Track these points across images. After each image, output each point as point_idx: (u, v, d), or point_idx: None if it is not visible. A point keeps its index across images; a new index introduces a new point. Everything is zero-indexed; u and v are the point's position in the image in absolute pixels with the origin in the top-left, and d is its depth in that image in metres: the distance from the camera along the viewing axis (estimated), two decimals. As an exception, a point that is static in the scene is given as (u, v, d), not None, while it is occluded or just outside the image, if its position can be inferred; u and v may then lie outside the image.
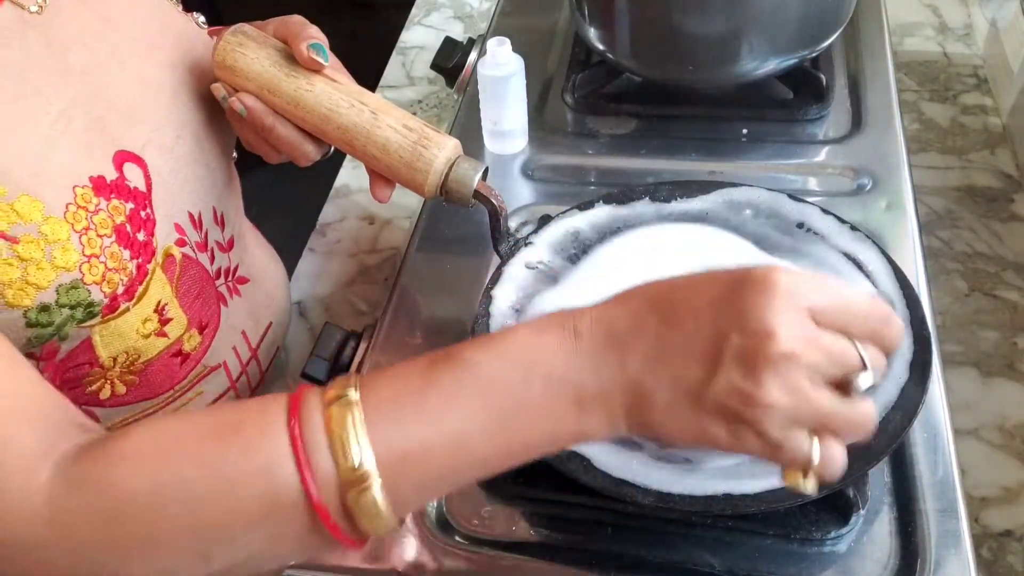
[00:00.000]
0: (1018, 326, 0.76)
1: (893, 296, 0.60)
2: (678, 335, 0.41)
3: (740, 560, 0.54)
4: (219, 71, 0.61)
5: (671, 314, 0.42)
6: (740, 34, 0.77)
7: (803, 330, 0.39)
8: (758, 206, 0.68)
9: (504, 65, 0.77)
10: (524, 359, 0.42)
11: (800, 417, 0.40)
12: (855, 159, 0.78)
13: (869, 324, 0.41)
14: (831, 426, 0.41)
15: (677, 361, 0.41)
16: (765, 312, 0.39)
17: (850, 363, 0.40)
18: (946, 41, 1.05)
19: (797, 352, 0.39)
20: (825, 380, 0.40)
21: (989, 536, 0.64)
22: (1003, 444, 0.69)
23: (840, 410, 0.40)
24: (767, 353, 0.39)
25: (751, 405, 0.39)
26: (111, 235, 0.53)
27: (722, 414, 0.40)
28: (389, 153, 0.60)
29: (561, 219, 0.69)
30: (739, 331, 0.39)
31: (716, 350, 0.40)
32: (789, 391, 0.39)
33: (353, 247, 0.89)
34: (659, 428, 0.42)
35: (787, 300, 0.39)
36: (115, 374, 0.59)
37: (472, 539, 0.57)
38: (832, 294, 0.41)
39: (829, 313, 0.40)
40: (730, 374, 0.39)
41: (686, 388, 0.41)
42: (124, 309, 0.56)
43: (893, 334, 0.42)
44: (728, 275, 0.42)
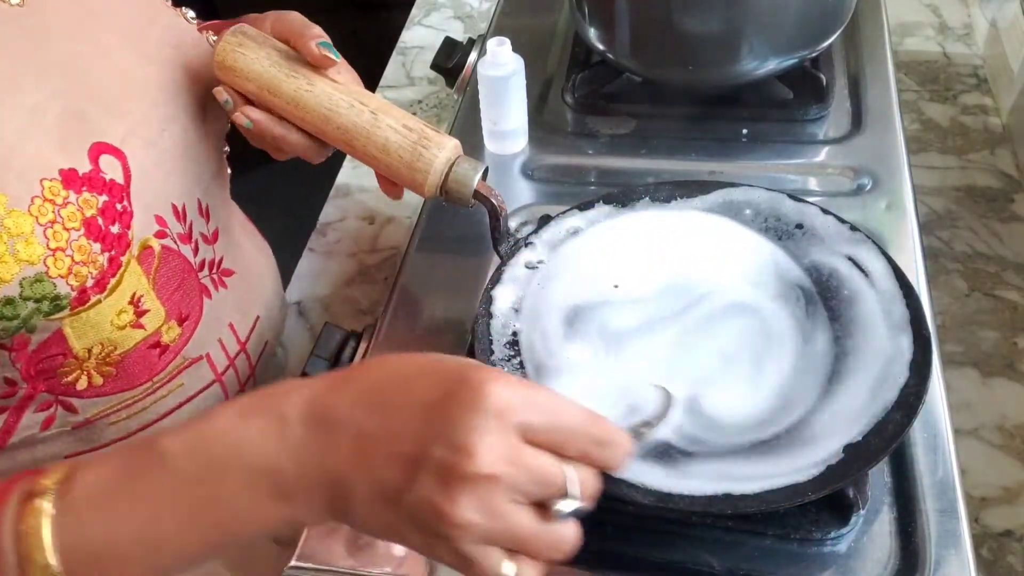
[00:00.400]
0: (1018, 326, 0.76)
1: (893, 296, 0.60)
2: (384, 435, 0.40)
3: (740, 560, 0.54)
4: (219, 71, 0.61)
5: (383, 410, 0.41)
6: (740, 34, 0.77)
7: (507, 450, 0.39)
8: (758, 206, 0.68)
9: (504, 65, 0.77)
10: (221, 450, 0.42)
11: (494, 537, 0.39)
12: (855, 159, 0.78)
13: (581, 444, 0.41)
14: (527, 548, 0.40)
15: (379, 462, 0.40)
16: (469, 429, 0.39)
17: (555, 485, 0.40)
18: (946, 41, 1.05)
19: (496, 473, 0.38)
20: (527, 499, 0.40)
21: (989, 536, 0.64)
22: (1003, 444, 0.69)
23: (537, 533, 0.40)
24: (464, 472, 0.38)
25: (443, 521, 0.39)
26: (79, 228, 0.53)
27: (416, 523, 0.40)
28: (389, 153, 0.60)
29: (561, 219, 0.69)
30: (441, 444, 0.39)
31: (417, 458, 0.39)
32: (484, 512, 0.39)
33: (353, 247, 0.89)
34: (359, 523, 0.42)
35: (495, 418, 0.39)
36: (91, 365, 0.59)
37: (472, 539, 0.56)
38: (545, 411, 0.40)
39: (540, 431, 0.40)
40: (426, 486, 0.39)
41: (384, 490, 0.40)
42: (96, 301, 0.56)
43: (608, 455, 0.42)
44: (446, 377, 0.41)
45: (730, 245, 0.65)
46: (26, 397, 0.58)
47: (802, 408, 0.56)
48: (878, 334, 0.59)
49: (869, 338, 0.59)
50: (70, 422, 0.61)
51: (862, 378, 0.57)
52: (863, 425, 0.54)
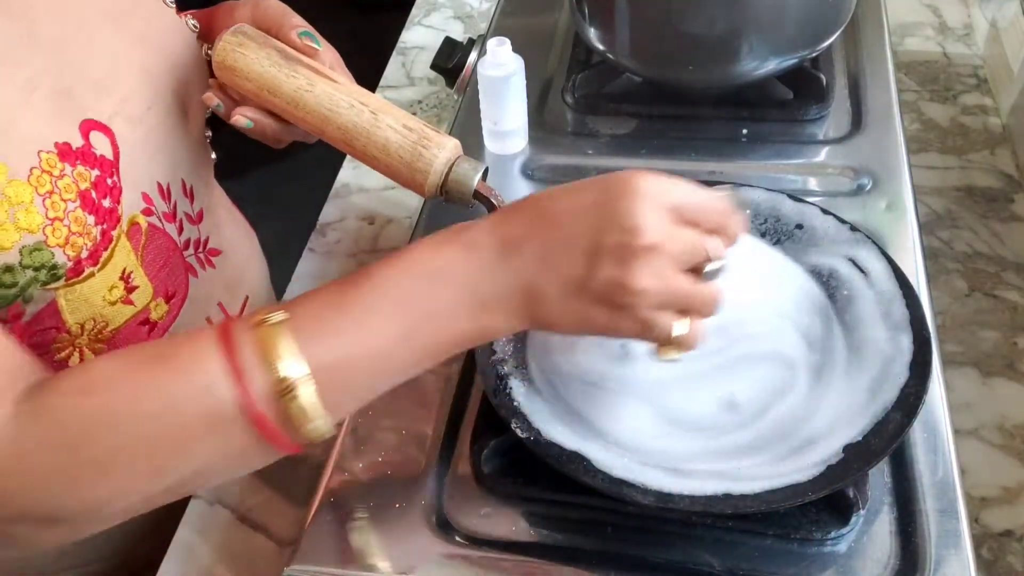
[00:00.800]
0: (1018, 326, 0.76)
1: (893, 296, 0.60)
2: (562, 237, 0.47)
3: (740, 560, 0.54)
4: (219, 71, 0.61)
5: (555, 219, 0.48)
6: (740, 34, 0.77)
7: (664, 225, 0.46)
8: (758, 206, 0.68)
9: (504, 65, 0.77)
10: (427, 271, 0.48)
11: (666, 300, 0.47)
12: (855, 159, 0.78)
13: (714, 218, 0.48)
14: (690, 306, 0.48)
15: (562, 260, 0.47)
16: (632, 213, 0.46)
17: (702, 252, 0.47)
18: (946, 41, 1.05)
19: (661, 243, 0.46)
20: (683, 267, 0.47)
21: (989, 536, 0.64)
22: (1003, 444, 0.69)
23: (697, 291, 0.48)
24: (636, 247, 0.45)
25: (626, 291, 0.46)
26: (75, 200, 0.55)
27: (602, 302, 0.47)
28: (389, 153, 0.60)
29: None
30: (612, 230, 0.46)
31: (594, 247, 0.46)
32: (656, 277, 0.46)
33: (353, 247, 0.89)
34: (551, 320, 0.48)
35: (650, 200, 0.46)
36: (83, 342, 0.60)
37: (472, 539, 0.57)
38: (684, 193, 0.48)
39: (685, 209, 0.47)
40: (607, 268, 0.46)
41: (571, 283, 0.47)
42: (89, 274, 0.57)
43: (731, 226, 0.49)
44: (598, 182, 0.48)
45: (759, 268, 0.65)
46: None
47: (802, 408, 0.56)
48: (878, 334, 0.59)
49: (869, 338, 0.59)
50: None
51: (862, 378, 0.57)
52: (863, 425, 0.54)
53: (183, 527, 0.68)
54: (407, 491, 0.59)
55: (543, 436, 0.55)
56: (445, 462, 0.61)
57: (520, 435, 0.55)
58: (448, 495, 0.59)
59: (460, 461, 0.60)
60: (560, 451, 0.54)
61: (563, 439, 0.55)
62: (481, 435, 0.60)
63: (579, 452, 0.54)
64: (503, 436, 0.58)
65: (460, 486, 0.59)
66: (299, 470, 0.69)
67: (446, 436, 0.62)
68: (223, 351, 0.45)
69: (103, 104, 0.58)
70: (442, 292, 0.47)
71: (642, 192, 0.46)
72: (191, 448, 0.46)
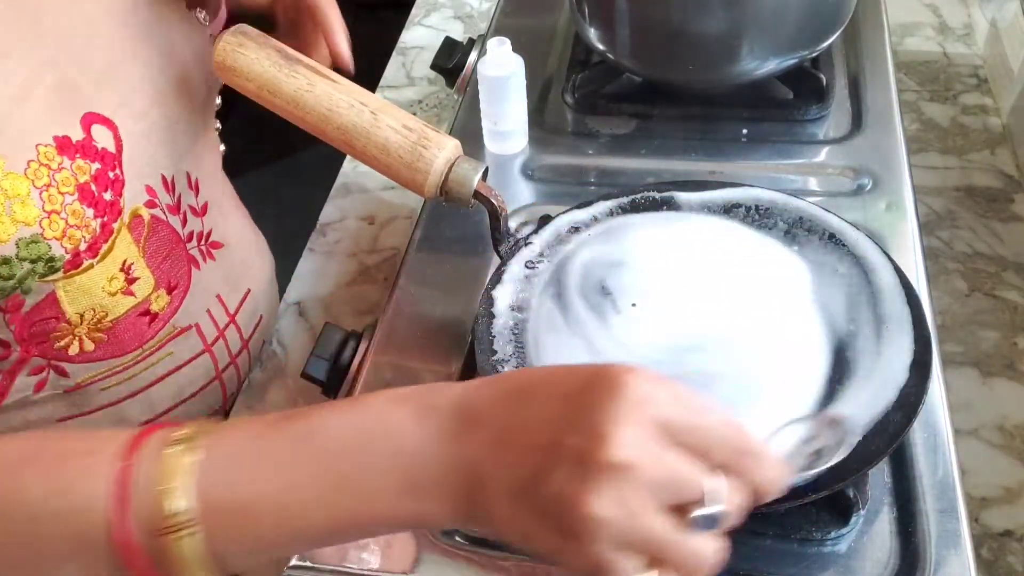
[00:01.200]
0: (1018, 326, 0.76)
1: (893, 296, 0.60)
2: (522, 425, 0.39)
3: (740, 560, 0.54)
4: (219, 71, 0.61)
5: (525, 403, 0.40)
6: (740, 34, 0.77)
7: (644, 442, 0.36)
8: (758, 206, 0.67)
9: (504, 65, 0.77)
10: (373, 429, 0.41)
11: (629, 538, 0.36)
12: (855, 159, 0.78)
13: (727, 452, 0.38)
14: (663, 555, 0.37)
15: (516, 451, 0.38)
16: (606, 417, 0.36)
17: (695, 489, 0.37)
18: (946, 41, 1.05)
19: (633, 463, 0.36)
20: (664, 503, 0.37)
21: (989, 536, 0.64)
22: (1003, 444, 0.69)
23: (674, 540, 0.37)
24: (599, 460, 0.36)
25: (575, 515, 0.36)
26: (74, 193, 0.55)
27: (549, 518, 0.37)
28: (389, 153, 0.60)
29: (561, 219, 0.69)
30: (577, 431, 0.37)
31: (553, 447, 0.37)
32: (619, 506, 0.36)
33: (353, 247, 0.89)
34: (490, 521, 0.40)
35: (635, 407, 0.37)
36: (83, 331, 0.61)
37: (472, 539, 0.57)
38: (688, 408, 0.38)
39: (681, 430, 0.37)
40: (561, 476, 0.37)
41: (519, 482, 0.38)
42: (88, 266, 0.58)
43: (760, 470, 0.38)
44: (587, 370, 0.39)
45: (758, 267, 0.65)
46: (19, 360, 0.60)
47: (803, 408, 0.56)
48: (878, 334, 0.59)
49: (869, 338, 0.59)
50: (62, 386, 0.63)
51: (862, 378, 0.57)
52: (863, 425, 0.54)
53: (183, 527, 0.67)
54: (407, 491, 0.59)
55: (543, 436, 0.55)
56: (445, 462, 0.60)
57: (520, 435, 0.55)
58: (448, 495, 0.59)
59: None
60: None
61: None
62: None
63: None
64: (503, 436, 0.58)
65: (460, 486, 0.59)
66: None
67: (446, 436, 0.62)
68: (123, 466, 0.40)
69: (107, 97, 0.58)
70: (374, 462, 0.40)
71: (629, 394, 0.37)
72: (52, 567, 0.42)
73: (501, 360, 0.60)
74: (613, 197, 0.70)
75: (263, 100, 0.61)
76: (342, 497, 0.41)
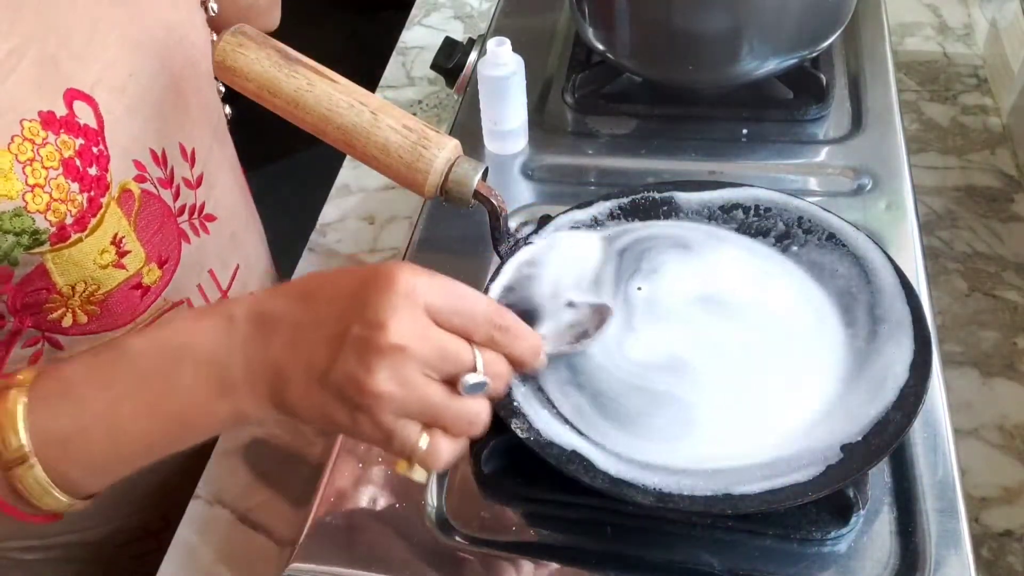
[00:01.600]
0: (1018, 326, 0.76)
1: (893, 296, 0.60)
2: (313, 322, 0.45)
3: (740, 560, 0.54)
4: (219, 71, 0.61)
5: (314, 303, 0.45)
6: (740, 34, 0.77)
7: (415, 326, 0.43)
8: (757, 206, 0.67)
9: (504, 65, 0.77)
10: (176, 344, 0.46)
11: (409, 408, 0.43)
12: (855, 159, 0.78)
13: (486, 330, 0.45)
14: (439, 420, 0.44)
15: (309, 345, 0.44)
16: (381, 305, 0.43)
17: (462, 363, 0.44)
18: (946, 41, 1.05)
19: (406, 344, 0.42)
20: (438, 376, 0.44)
21: (989, 536, 0.64)
22: (1003, 444, 0.69)
23: (448, 404, 0.44)
24: (378, 344, 0.42)
25: (363, 391, 0.43)
26: (58, 167, 0.56)
27: (342, 398, 0.44)
28: (389, 153, 0.60)
29: (561, 219, 0.69)
30: (359, 322, 0.43)
31: (339, 336, 0.43)
32: (397, 381, 0.42)
33: (353, 247, 0.89)
34: (295, 408, 0.45)
35: (404, 297, 0.43)
36: (76, 303, 0.62)
37: (472, 539, 0.57)
38: (451, 294, 0.44)
39: (446, 313, 0.44)
40: (348, 361, 0.43)
41: (313, 370, 0.44)
42: (77, 239, 0.59)
43: (517, 344, 0.45)
44: (363, 270, 0.45)
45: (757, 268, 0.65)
46: (14, 332, 0.61)
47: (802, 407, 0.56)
48: (878, 334, 0.59)
49: (869, 338, 0.59)
50: (57, 358, 0.64)
51: (862, 378, 0.57)
52: (863, 425, 0.54)
53: (183, 527, 0.68)
54: (407, 491, 0.59)
55: (543, 436, 0.55)
56: (445, 462, 0.61)
57: (520, 435, 0.55)
58: (448, 495, 0.59)
59: (460, 461, 0.60)
60: (560, 451, 0.54)
61: (563, 439, 0.55)
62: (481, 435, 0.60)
63: (579, 452, 0.54)
64: (503, 436, 0.58)
65: (460, 486, 0.59)
66: (299, 470, 0.69)
67: (446, 436, 0.62)
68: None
69: (86, 73, 0.59)
70: (185, 368, 0.45)
71: (399, 287, 0.43)
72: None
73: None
74: (613, 197, 0.70)
75: (263, 100, 0.61)
76: (163, 407, 0.46)
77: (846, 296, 0.62)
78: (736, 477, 0.53)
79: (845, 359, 0.59)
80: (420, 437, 0.44)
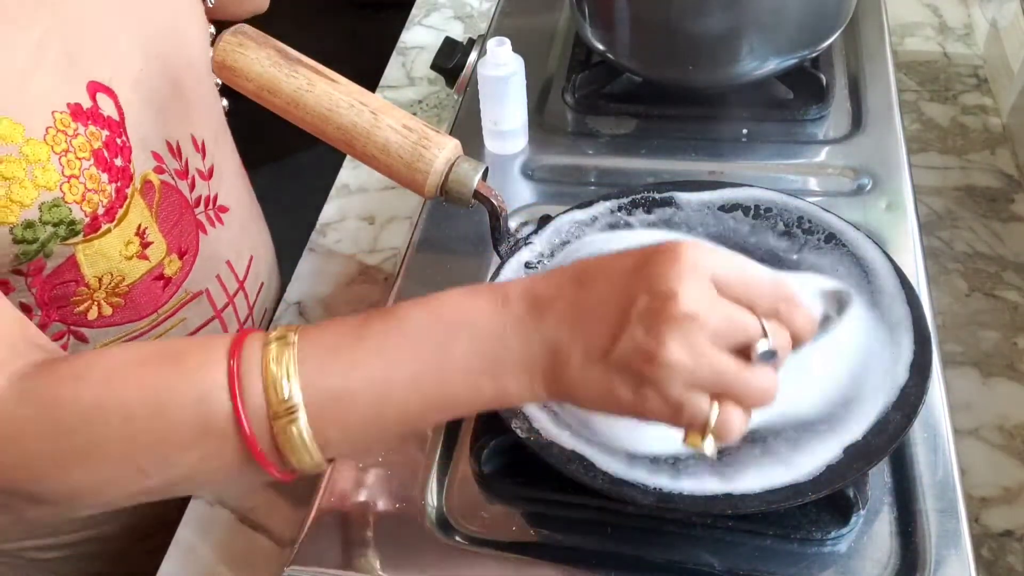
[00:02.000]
0: (1018, 326, 0.76)
1: (893, 296, 0.60)
2: (592, 299, 0.43)
3: (740, 560, 0.54)
4: (219, 71, 0.61)
5: (588, 281, 0.44)
6: (740, 34, 0.77)
7: (705, 295, 0.41)
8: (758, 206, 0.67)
9: (504, 65, 0.77)
10: (453, 317, 0.45)
11: (700, 378, 0.41)
12: (855, 159, 0.78)
13: (771, 301, 0.43)
14: (731, 390, 0.42)
15: (589, 322, 0.43)
16: (669, 276, 0.41)
17: (751, 332, 0.42)
18: (946, 41, 1.05)
19: (698, 313, 0.40)
20: (727, 346, 0.42)
21: (989, 536, 0.64)
22: (1003, 444, 0.69)
23: (739, 375, 0.42)
24: (669, 313, 0.40)
25: (653, 363, 0.41)
26: (90, 158, 0.57)
27: (628, 372, 0.42)
28: (389, 153, 0.60)
29: (561, 219, 0.69)
30: (645, 293, 0.41)
31: (624, 311, 0.42)
32: (689, 351, 0.41)
33: (353, 247, 0.89)
34: (573, 389, 0.43)
35: (691, 268, 0.41)
36: (101, 295, 0.63)
37: (472, 539, 0.57)
38: (736, 267, 0.43)
39: (732, 285, 0.42)
40: (635, 333, 0.41)
41: (596, 347, 0.42)
42: (106, 230, 0.60)
43: (798, 316, 0.43)
44: (640, 251, 0.44)
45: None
46: (41, 325, 0.62)
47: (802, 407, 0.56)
48: (878, 334, 0.59)
49: (869, 338, 0.59)
50: (82, 352, 0.64)
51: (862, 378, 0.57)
52: (863, 425, 0.54)
53: (183, 527, 0.68)
54: (407, 491, 0.59)
55: (544, 436, 0.55)
56: (445, 462, 0.61)
57: (521, 435, 0.55)
58: (448, 495, 0.59)
59: (460, 461, 0.60)
60: (560, 451, 0.54)
61: (563, 439, 0.55)
62: (481, 435, 0.60)
63: (579, 452, 0.54)
64: (503, 436, 0.58)
65: (460, 486, 0.59)
66: (299, 470, 0.69)
67: (446, 436, 0.62)
68: (230, 361, 0.44)
69: (103, 66, 0.60)
70: (460, 342, 0.44)
71: (685, 259, 0.42)
72: (177, 455, 0.45)
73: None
74: (613, 197, 0.70)
75: (263, 100, 0.61)
76: (432, 379, 0.44)
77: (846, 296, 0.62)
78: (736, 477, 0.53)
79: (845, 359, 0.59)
80: (712, 408, 0.42)
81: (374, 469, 0.60)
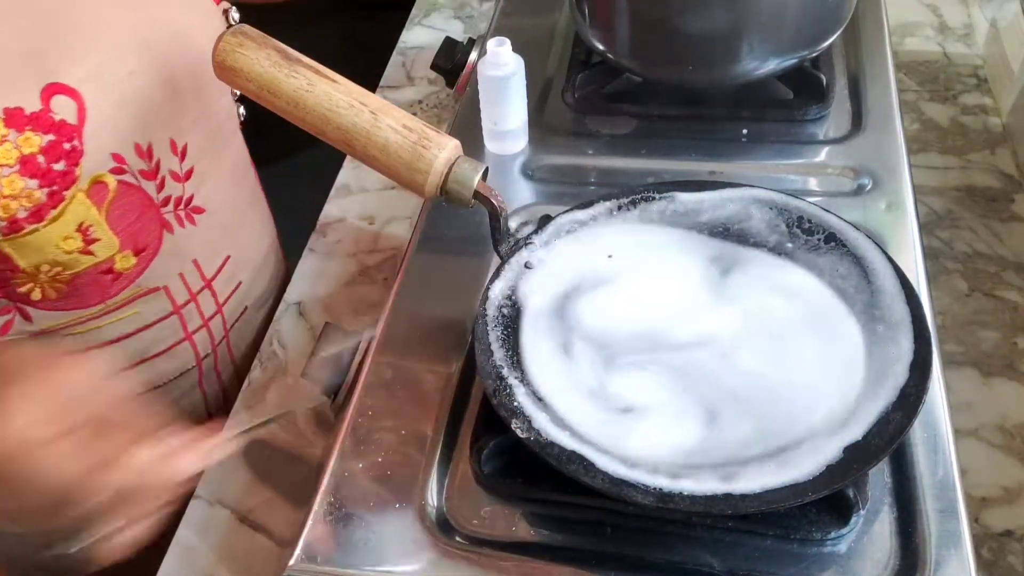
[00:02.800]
0: (1018, 326, 0.76)
1: (893, 296, 0.60)
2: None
3: (740, 560, 0.54)
4: (219, 71, 0.61)
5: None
6: (740, 34, 0.77)
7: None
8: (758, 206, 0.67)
9: (504, 65, 0.77)
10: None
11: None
12: (855, 159, 0.78)
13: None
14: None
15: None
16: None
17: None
18: (946, 41, 1.05)
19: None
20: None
21: (989, 536, 0.64)
22: (1003, 444, 0.69)
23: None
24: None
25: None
26: (14, 165, 0.57)
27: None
28: (389, 154, 0.60)
29: (561, 219, 0.69)
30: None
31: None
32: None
33: (353, 247, 0.89)
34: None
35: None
36: (43, 280, 0.64)
37: (472, 539, 0.57)
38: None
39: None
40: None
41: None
42: (32, 229, 0.61)
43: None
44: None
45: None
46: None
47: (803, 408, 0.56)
48: (878, 334, 0.59)
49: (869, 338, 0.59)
50: (27, 330, 0.66)
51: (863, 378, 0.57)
52: (863, 425, 0.54)
53: (183, 527, 0.68)
54: (407, 491, 0.59)
55: (544, 436, 0.55)
56: (445, 462, 0.61)
57: (521, 435, 0.55)
58: (448, 495, 0.59)
59: (460, 461, 0.60)
60: (560, 451, 0.54)
61: (563, 439, 0.55)
62: (481, 435, 0.60)
63: (579, 452, 0.54)
64: (503, 436, 0.58)
65: (460, 486, 0.59)
66: (299, 470, 0.69)
67: (446, 436, 0.62)
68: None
69: (76, 68, 0.60)
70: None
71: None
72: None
73: (502, 364, 0.60)
74: (613, 197, 0.70)
75: (263, 100, 0.61)
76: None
77: (846, 296, 0.62)
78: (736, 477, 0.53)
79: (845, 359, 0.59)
80: None
81: (374, 469, 0.60)
